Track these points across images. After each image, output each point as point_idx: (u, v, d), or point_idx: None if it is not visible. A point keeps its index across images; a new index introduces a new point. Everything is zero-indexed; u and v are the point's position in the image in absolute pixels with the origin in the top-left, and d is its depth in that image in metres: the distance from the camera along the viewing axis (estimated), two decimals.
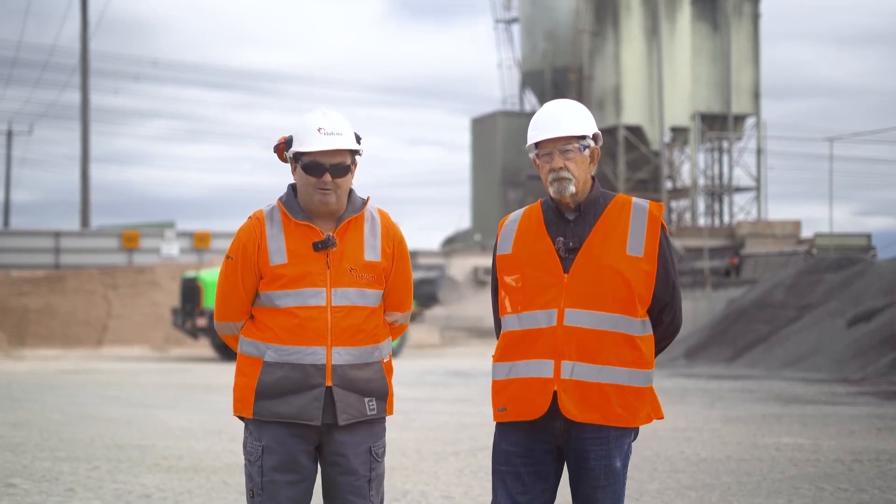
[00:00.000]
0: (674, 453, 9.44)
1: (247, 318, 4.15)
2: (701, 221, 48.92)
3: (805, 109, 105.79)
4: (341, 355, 4.04)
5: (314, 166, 4.04)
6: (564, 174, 3.95)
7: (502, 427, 4.02)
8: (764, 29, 51.69)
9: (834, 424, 11.64)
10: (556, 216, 4.01)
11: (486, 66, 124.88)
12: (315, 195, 4.05)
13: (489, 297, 4.26)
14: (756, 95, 49.58)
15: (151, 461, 9.15)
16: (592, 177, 4.07)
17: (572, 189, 3.96)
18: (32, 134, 56.71)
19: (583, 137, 3.99)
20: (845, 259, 24.64)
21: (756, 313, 23.49)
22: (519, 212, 4.14)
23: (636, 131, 47.42)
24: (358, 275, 4.08)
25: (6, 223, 50.03)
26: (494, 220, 42.00)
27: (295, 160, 4.09)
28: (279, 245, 4.07)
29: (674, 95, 47.20)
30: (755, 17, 50.07)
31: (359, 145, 4.11)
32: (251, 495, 4.09)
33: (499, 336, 4.07)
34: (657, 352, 4.06)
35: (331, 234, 4.07)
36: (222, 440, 10.55)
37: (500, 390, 4.00)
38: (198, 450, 9.85)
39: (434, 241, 57.01)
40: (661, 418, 4.06)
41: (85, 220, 39.30)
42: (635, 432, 4.01)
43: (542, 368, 3.91)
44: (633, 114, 47.29)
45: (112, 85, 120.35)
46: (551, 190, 3.98)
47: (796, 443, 10.13)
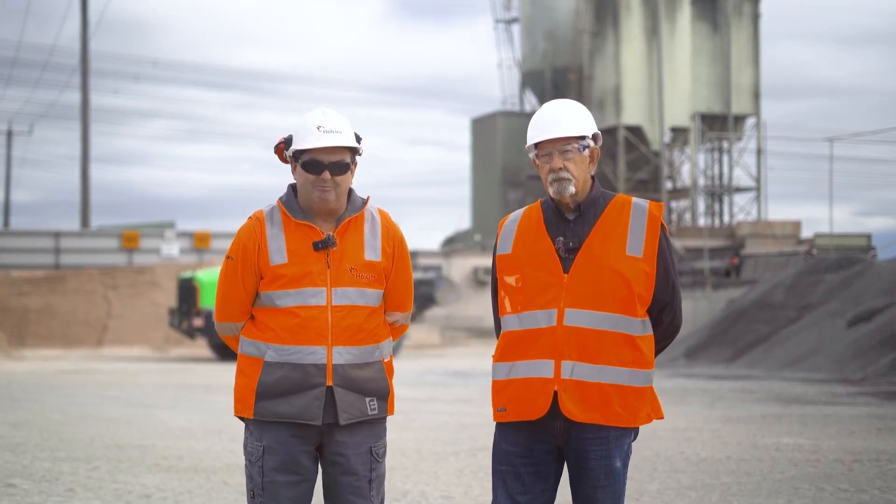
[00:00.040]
0: (674, 453, 9.44)
1: (247, 319, 4.15)
2: (701, 222, 48.90)
3: (805, 109, 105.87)
4: (342, 355, 4.03)
5: (313, 164, 4.04)
6: (564, 174, 3.95)
7: (502, 427, 4.03)
8: (764, 29, 51.75)
9: (834, 425, 11.64)
10: (556, 216, 4.01)
11: (486, 66, 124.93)
12: (314, 193, 4.05)
13: (489, 297, 4.26)
14: (756, 95, 49.56)
15: (151, 461, 9.15)
16: (592, 177, 4.07)
17: (572, 189, 3.96)
18: (32, 134, 56.73)
19: (582, 138, 3.99)
20: (845, 259, 24.64)
21: (756, 313, 23.49)
22: (519, 212, 4.14)
23: (636, 131, 47.41)
24: (358, 274, 4.08)
25: (6, 223, 50.02)
26: (494, 221, 41.99)
27: (295, 159, 4.09)
28: (279, 245, 4.07)
29: (674, 95, 47.19)
30: (755, 17, 50.06)
31: (358, 144, 4.11)
32: (252, 496, 4.09)
33: (499, 336, 4.07)
34: (657, 352, 4.07)
35: (331, 234, 4.07)
36: (222, 440, 10.55)
37: (501, 390, 4.00)
38: (198, 450, 9.85)
39: (434, 242, 57.01)
40: (661, 418, 4.06)
41: (85, 221, 39.31)
42: (635, 432, 4.02)
43: (543, 368, 3.91)
44: (633, 114, 47.28)
45: (112, 85, 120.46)
46: (551, 190, 3.99)
47: (796, 443, 10.13)
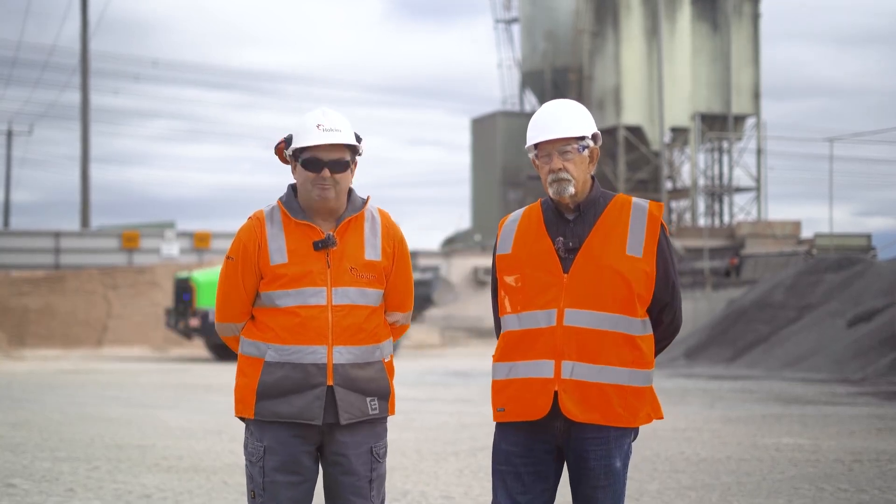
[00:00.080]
0: (674, 453, 9.44)
1: (247, 320, 4.15)
2: (701, 222, 48.90)
3: (805, 109, 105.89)
4: (342, 354, 4.03)
5: (313, 161, 4.04)
6: (563, 175, 3.95)
7: (502, 427, 4.02)
8: (764, 29, 51.75)
9: (834, 425, 11.64)
10: (556, 216, 4.01)
11: (486, 66, 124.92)
12: (314, 191, 4.05)
13: (489, 298, 4.26)
14: (756, 96, 49.56)
15: (151, 461, 9.15)
16: (592, 176, 4.07)
17: (571, 190, 3.96)
18: (32, 134, 56.72)
19: (582, 138, 3.99)
20: (845, 259, 24.65)
21: (756, 313, 23.49)
22: (519, 212, 4.14)
23: (636, 131, 47.41)
24: (358, 274, 4.08)
25: (6, 223, 50.02)
26: (494, 221, 41.98)
27: (294, 158, 4.09)
28: (279, 245, 4.07)
29: (674, 95, 47.19)
30: (755, 18, 50.06)
31: (358, 144, 4.11)
32: (252, 496, 4.09)
33: (499, 336, 4.07)
34: (657, 352, 4.06)
35: (331, 234, 4.07)
36: (222, 440, 10.55)
37: (500, 390, 4.00)
38: (198, 450, 9.85)
39: (434, 242, 57.03)
40: (661, 418, 4.06)
41: (85, 221, 39.31)
42: (635, 432, 4.01)
43: (543, 368, 3.91)
44: (633, 114, 47.28)
45: (112, 85, 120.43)
46: (550, 191, 3.99)
47: (796, 443, 10.13)
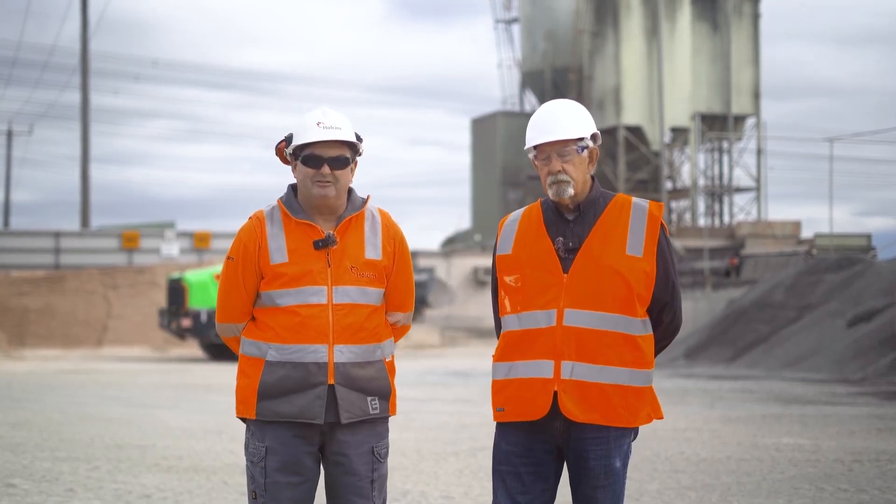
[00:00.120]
0: (674, 453, 9.44)
1: (248, 320, 4.14)
2: (701, 222, 48.92)
3: (805, 109, 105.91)
4: (343, 353, 4.03)
5: (313, 158, 4.04)
6: (563, 177, 3.95)
7: (502, 427, 4.03)
8: (764, 29, 51.75)
9: (834, 425, 11.64)
10: (556, 216, 4.01)
11: (486, 66, 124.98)
12: (314, 188, 4.05)
13: (489, 298, 4.26)
14: (756, 96, 49.58)
15: (151, 461, 9.15)
16: (592, 177, 4.07)
17: (571, 191, 3.96)
18: (32, 134, 56.74)
19: (581, 139, 3.99)
20: (845, 259, 24.66)
21: (756, 313, 23.49)
22: (519, 212, 4.14)
23: (636, 131, 47.42)
24: (359, 273, 4.08)
25: (6, 223, 50.02)
26: (494, 221, 41.98)
27: (295, 156, 4.09)
28: (280, 244, 4.07)
29: (674, 95, 47.20)
30: (755, 18, 50.07)
31: (358, 143, 4.12)
32: (253, 496, 4.09)
33: (499, 336, 4.08)
34: (657, 352, 4.06)
35: (331, 233, 4.07)
36: (222, 440, 10.56)
37: (500, 390, 4.00)
38: (198, 450, 9.85)
39: (434, 242, 57.04)
40: (661, 418, 4.06)
41: (85, 221, 39.32)
42: (635, 432, 4.02)
43: (542, 368, 3.91)
44: (633, 114, 47.29)
45: (112, 85, 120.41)
46: (550, 192, 3.99)
47: (796, 443, 10.13)
